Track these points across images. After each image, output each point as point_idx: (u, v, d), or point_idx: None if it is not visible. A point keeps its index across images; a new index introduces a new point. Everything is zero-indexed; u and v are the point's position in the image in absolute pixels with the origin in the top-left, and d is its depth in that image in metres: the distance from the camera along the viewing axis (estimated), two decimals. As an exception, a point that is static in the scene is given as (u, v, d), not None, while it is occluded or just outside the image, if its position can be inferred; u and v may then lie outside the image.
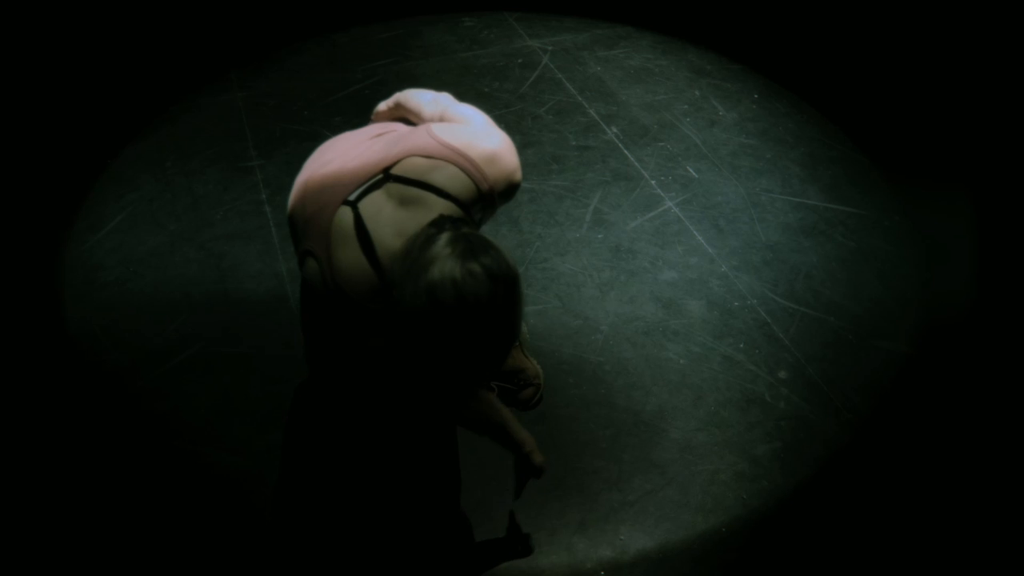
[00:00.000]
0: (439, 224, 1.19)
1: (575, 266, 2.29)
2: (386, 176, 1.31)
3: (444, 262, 1.11)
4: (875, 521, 1.75)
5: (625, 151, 2.71)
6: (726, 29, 3.36)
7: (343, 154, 1.42)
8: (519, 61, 3.14)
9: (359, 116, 2.82)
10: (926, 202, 2.55)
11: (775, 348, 2.09)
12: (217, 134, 2.75)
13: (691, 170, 2.64)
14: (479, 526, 1.71)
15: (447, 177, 1.31)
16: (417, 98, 1.58)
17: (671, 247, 2.36)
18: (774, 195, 2.56)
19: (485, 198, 1.34)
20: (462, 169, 1.32)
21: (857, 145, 2.78)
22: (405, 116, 1.62)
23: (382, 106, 1.67)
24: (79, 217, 2.42)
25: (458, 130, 1.37)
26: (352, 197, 1.29)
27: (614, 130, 2.80)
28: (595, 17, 3.44)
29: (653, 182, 2.59)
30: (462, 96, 1.56)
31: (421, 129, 1.38)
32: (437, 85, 3.06)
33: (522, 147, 2.70)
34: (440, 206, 1.29)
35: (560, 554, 1.67)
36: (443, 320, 1.11)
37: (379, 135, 1.47)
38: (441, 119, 1.48)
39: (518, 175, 1.40)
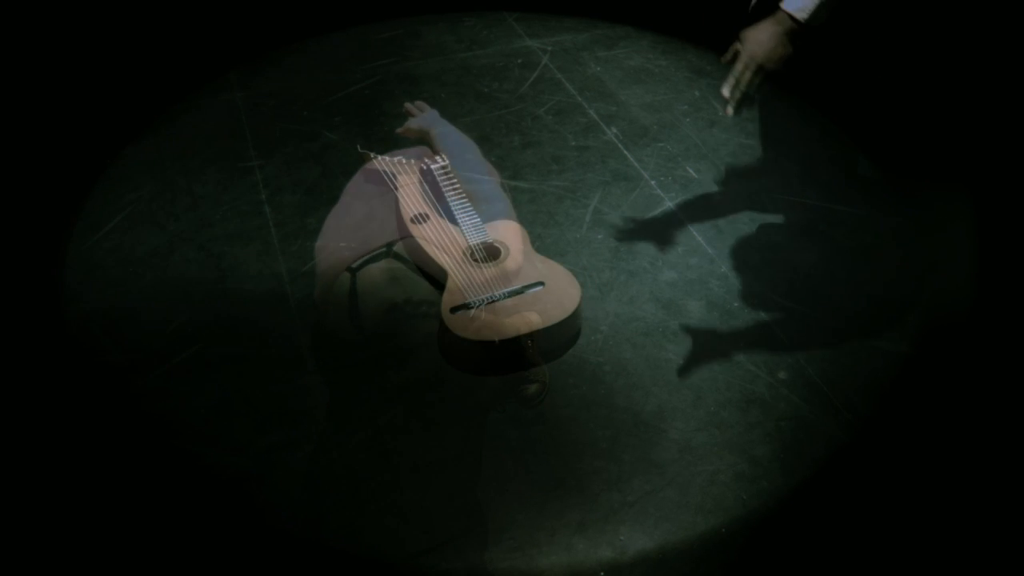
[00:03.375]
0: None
1: (575, 266, 2.29)
2: (388, 251, 1.43)
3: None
4: (875, 521, 1.75)
5: (625, 151, 2.71)
6: (726, 29, 3.35)
7: (364, 203, 1.59)
8: (519, 61, 3.14)
9: (359, 116, 2.83)
10: (926, 202, 2.55)
11: (775, 348, 2.09)
12: (217, 134, 2.75)
13: (691, 170, 2.64)
14: (479, 526, 1.71)
15: (440, 271, 1.45)
16: (447, 143, 1.75)
17: (671, 247, 2.36)
18: (774, 195, 2.56)
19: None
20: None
21: (857, 145, 2.78)
22: (430, 144, 1.76)
23: (414, 125, 1.83)
24: (79, 217, 2.42)
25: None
26: (355, 265, 1.44)
27: (614, 130, 2.80)
28: (595, 17, 3.43)
29: (653, 182, 2.59)
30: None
31: (433, 214, 1.55)
32: (437, 85, 3.08)
33: (522, 147, 2.71)
34: (425, 291, 1.46)
35: (560, 554, 1.67)
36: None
37: (405, 186, 1.63)
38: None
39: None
